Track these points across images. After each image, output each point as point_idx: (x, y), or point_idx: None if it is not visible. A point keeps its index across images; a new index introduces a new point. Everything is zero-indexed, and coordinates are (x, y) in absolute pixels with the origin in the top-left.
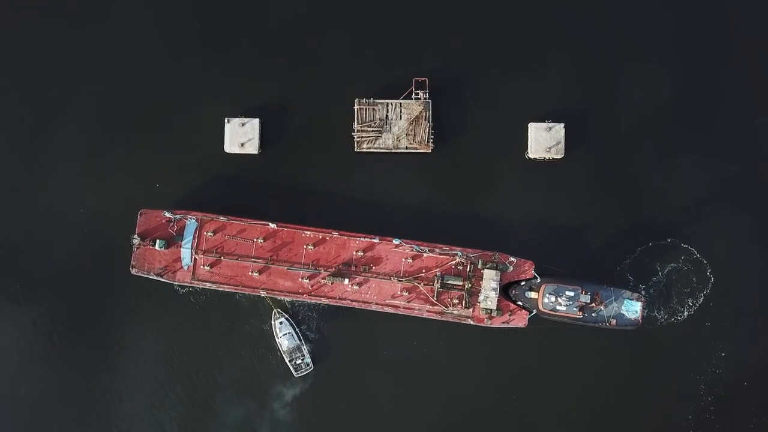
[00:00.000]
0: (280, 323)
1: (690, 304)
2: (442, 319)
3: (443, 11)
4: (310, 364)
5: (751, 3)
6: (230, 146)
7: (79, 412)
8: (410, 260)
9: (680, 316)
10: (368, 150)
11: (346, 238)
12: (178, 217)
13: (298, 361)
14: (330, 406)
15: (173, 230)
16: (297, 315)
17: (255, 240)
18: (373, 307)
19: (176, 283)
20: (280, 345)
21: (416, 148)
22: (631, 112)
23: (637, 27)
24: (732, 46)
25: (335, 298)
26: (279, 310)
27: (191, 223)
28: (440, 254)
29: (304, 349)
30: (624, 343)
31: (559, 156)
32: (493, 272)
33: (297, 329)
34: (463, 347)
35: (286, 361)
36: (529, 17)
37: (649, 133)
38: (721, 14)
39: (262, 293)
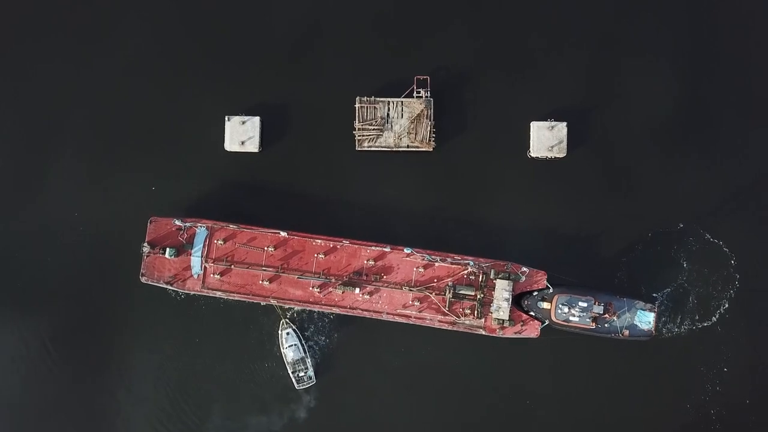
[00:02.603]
0: (287, 334)
1: (698, 312)
2: (454, 329)
3: (445, 10)
4: (313, 377)
5: (755, 3)
6: (231, 144)
7: (80, 422)
8: (422, 269)
9: (683, 327)
10: (369, 148)
11: (357, 246)
12: (188, 225)
13: (301, 374)
14: (329, 421)
15: (183, 238)
16: (303, 326)
17: (265, 248)
18: (384, 317)
19: (186, 291)
20: (285, 356)
21: (417, 147)
22: (634, 110)
23: (640, 26)
24: (735, 45)
25: (346, 308)
26: (287, 320)
27: (201, 231)
28: (452, 264)
29: (308, 361)
30: (634, 352)
31: (562, 155)
32: (505, 282)
33: (303, 341)
34: (474, 358)
35: (289, 372)
36: (532, 16)
37: (652, 131)
38: (725, 14)
39: (273, 302)
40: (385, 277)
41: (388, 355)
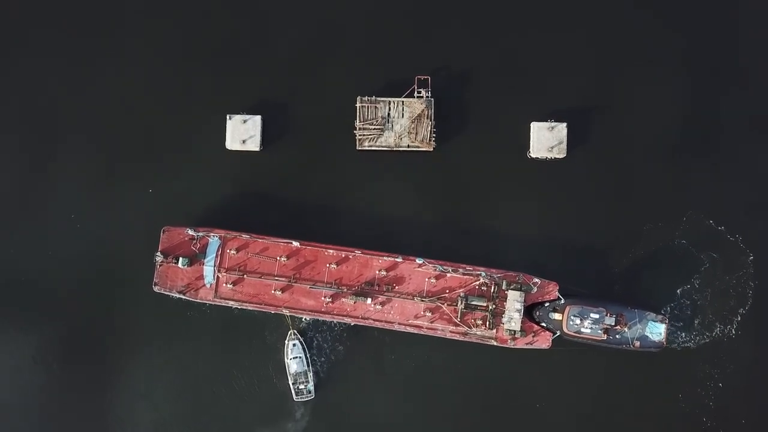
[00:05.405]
0: (293, 345)
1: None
2: (465, 339)
3: (446, 10)
4: (312, 391)
5: (755, 4)
6: (232, 143)
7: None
8: (433, 280)
9: (691, 338)
10: (369, 148)
11: (368, 257)
12: (200, 234)
13: (301, 386)
14: None
15: (196, 248)
16: (308, 339)
17: (278, 258)
18: (396, 327)
19: (198, 301)
20: (288, 366)
21: (418, 147)
22: (634, 110)
23: (642, 27)
24: (735, 45)
25: (357, 318)
26: (295, 331)
27: (214, 240)
28: (464, 274)
29: (310, 375)
30: (640, 363)
31: (562, 156)
32: (517, 293)
33: (308, 354)
34: (486, 369)
35: (290, 383)
36: (533, 16)
37: (652, 132)
38: (727, 16)
39: (285, 312)
40: (396, 287)
41: (391, 375)
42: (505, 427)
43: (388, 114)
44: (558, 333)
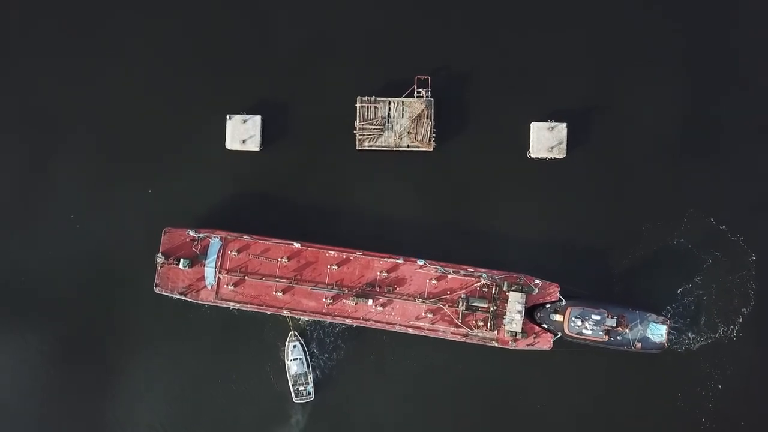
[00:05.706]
0: (294, 346)
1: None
2: (467, 341)
3: (446, 10)
4: (312, 393)
5: (755, 4)
6: (232, 143)
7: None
8: (434, 281)
9: (692, 340)
10: (369, 148)
11: (370, 258)
12: (202, 236)
13: (301, 388)
14: None
15: (197, 249)
16: (310, 340)
17: (279, 259)
18: (397, 329)
19: (199, 302)
20: (288, 368)
21: (418, 147)
22: (634, 110)
23: (642, 27)
24: (735, 45)
25: (359, 319)
26: (296, 332)
27: (215, 242)
28: (465, 276)
29: (310, 377)
30: (641, 364)
31: (562, 156)
32: (518, 295)
33: (308, 356)
34: (486, 371)
35: (289, 384)
36: (533, 16)
37: (652, 132)
38: (727, 16)
39: (286, 313)
40: (398, 288)
41: (391, 376)
42: (506, 428)
43: (388, 114)
44: (559, 334)
